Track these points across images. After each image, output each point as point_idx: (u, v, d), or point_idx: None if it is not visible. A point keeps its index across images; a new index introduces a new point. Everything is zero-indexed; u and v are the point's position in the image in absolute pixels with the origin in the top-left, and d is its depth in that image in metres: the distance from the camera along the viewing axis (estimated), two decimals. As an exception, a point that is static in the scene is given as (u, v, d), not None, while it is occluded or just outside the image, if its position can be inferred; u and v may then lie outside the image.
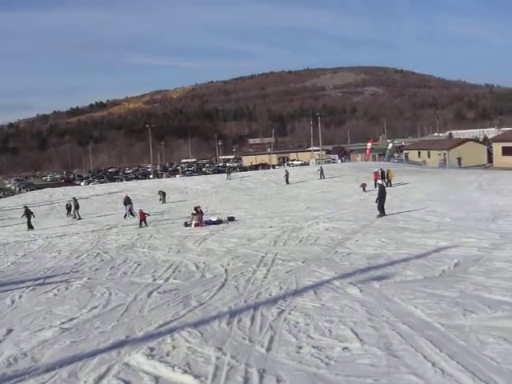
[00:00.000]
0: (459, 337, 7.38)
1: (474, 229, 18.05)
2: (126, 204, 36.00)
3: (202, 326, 8.75)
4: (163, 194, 46.97)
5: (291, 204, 35.69)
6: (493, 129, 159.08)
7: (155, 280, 13.38)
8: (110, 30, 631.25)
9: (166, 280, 13.27)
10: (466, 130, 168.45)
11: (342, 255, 14.68)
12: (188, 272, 14.22)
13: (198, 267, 14.76)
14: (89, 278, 14.46)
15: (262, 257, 15.47)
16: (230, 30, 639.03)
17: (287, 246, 17.67)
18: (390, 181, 42.26)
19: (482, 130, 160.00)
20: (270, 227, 23.28)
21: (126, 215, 35.35)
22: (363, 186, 41.60)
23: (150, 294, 11.68)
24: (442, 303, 9.00)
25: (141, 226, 29.02)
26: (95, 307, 10.88)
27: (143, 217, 29.71)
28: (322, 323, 8.43)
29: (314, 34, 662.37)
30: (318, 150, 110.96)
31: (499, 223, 19.07)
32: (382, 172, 42.85)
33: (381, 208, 24.60)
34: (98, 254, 19.57)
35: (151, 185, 60.74)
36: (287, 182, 55.60)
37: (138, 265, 16.14)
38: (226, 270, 13.78)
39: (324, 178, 55.84)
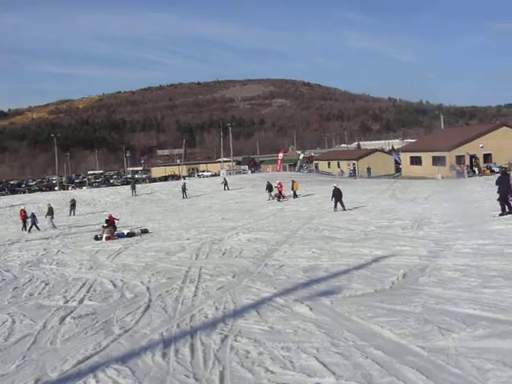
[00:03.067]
0: (448, 363, 6.26)
1: (403, 237, 17.66)
2: (30, 216, 33.82)
3: (131, 361, 7.26)
4: (73, 204, 44.76)
5: (205, 215, 34.86)
6: (397, 140, 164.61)
7: (67, 302, 11.70)
8: (11, 35, 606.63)
9: (80, 302, 11.62)
10: (372, 142, 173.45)
11: (275, 268, 13.60)
12: (105, 291, 12.61)
13: (115, 285, 13.19)
14: (-14, 303, 12.49)
15: (186, 272, 14.15)
16: (139, 39, 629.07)
17: (210, 259, 16.44)
18: (295, 192, 42.08)
19: (387, 141, 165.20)
20: (188, 239, 22.18)
21: (30, 229, 33.12)
22: (277, 195, 41.30)
23: (63, 319, 10.02)
24: (410, 321, 8.00)
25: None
26: (-6, 340, 9.13)
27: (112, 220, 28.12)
28: (277, 351, 7.17)
29: (223, 46, 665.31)
30: (228, 161, 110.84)
31: (426, 230, 18.81)
32: (270, 185, 43.45)
33: (336, 205, 29.99)
34: (-2, 272, 17.43)
35: (56, 197, 58.28)
36: (226, 188, 56.26)
37: (46, 284, 14.27)
38: (148, 288, 12.32)
39: (228, 190, 55.70)
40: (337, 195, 30.34)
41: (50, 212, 35.05)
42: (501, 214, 20.28)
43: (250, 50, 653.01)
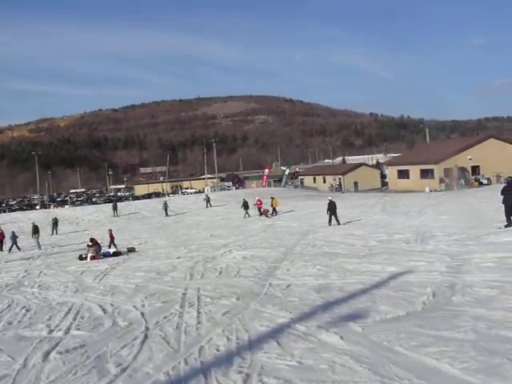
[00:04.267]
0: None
1: (411, 251, 16.65)
2: (11, 236, 32.49)
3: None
4: (55, 223, 43.36)
5: (193, 232, 33.98)
6: (380, 155, 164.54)
7: (51, 332, 10.21)
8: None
9: (67, 331, 10.15)
10: (356, 156, 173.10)
11: (281, 288, 12.34)
12: (94, 318, 11.18)
13: (105, 311, 11.78)
14: (-42, 334, 10.97)
15: (183, 294, 12.82)
16: (121, 57, 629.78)
17: (207, 278, 15.14)
18: (274, 209, 41.21)
19: (370, 155, 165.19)
20: (178, 258, 21.01)
21: (10, 249, 31.76)
22: (264, 211, 40.44)
23: (47, 355, 8.54)
24: (468, 351, 6.73)
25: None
26: (-37, 385, 7.71)
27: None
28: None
29: (203, 63, 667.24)
30: (212, 178, 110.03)
31: (433, 244, 17.89)
32: (246, 202, 43.18)
33: (330, 219, 29.39)
34: (-26, 297, 15.96)
35: (38, 215, 56.76)
36: (209, 205, 56.13)
37: (27, 310, 12.76)
38: (142, 314, 10.94)
39: (211, 207, 55.32)
40: (332, 208, 29.66)
41: (36, 230, 33.74)
42: (506, 226, 19.35)
43: (232, 67, 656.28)
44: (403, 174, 69.51)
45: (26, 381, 7.46)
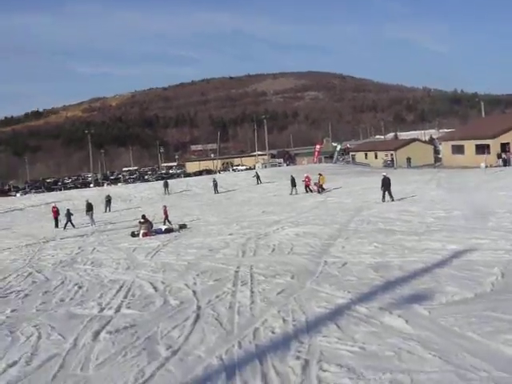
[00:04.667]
0: None
1: (472, 228, 15.89)
2: (65, 214, 32.83)
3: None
4: (108, 200, 43.76)
5: (244, 209, 33.54)
6: (433, 130, 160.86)
7: (102, 310, 10.05)
8: (46, 36, 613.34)
9: (117, 310, 9.96)
10: (408, 132, 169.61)
11: (337, 266, 11.85)
12: (145, 296, 10.96)
13: (156, 289, 11.57)
14: (12, 310, 10.88)
15: (235, 272, 12.47)
16: (169, 36, 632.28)
17: (259, 256, 14.76)
18: (321, 186, 40.33)
19: (423, 131, 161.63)
20: (230, 234, 20.67)
21: (65, 226, 32.09)
22: (317, 185, 39.78)
23: (97, 334, 8.35)
24: None
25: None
26: (14, 363, 7.47)
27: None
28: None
29: (253, 39, 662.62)
30: (263, 155, 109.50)
31: (494, 221, 16.96)
32: (293, 179, 42.01)
33: (384, 195, 28.74)
34: (29, 273, 16.00)
35: (92, 193, 57.49)
36: (259, 181, 55.47)
37: (80, 287, 12.71)
38: (194, 293, 10.64)
39: (261, 183, 54.99)
40: (386, 184, 28.89)
41: (90, 208, 34.05)
42: None
43: (282, 43, 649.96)
44: (458, 150, 67.43)
45: (76, 361, 7.26)
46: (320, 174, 41.66)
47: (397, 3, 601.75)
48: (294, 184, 41.59)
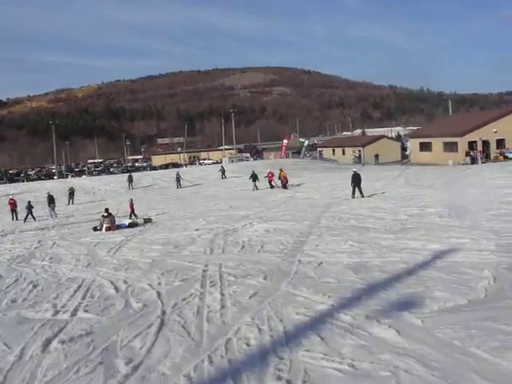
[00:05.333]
0: None
1: (449, 226, 15.38)
2: (26, 206, 31.89)
3: None
4: (71, 193, 42.65)
5: (211, 203, 32.89)
6: (400, 127, 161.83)
7: (57, 313, 9.10)
8: (9, 24, 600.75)
9: (74, 313, 9.03)
10: (376, 129, 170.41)
11: (313, 266, 11.09)
12: (105, 298, 10.05)
13: (117, 289, 10.68)
14: (-43, 312, 9.84)
15: (204, 270, 11.65)
16: (138, 27, 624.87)
17: (228, 253, 13.98)
18: (285, 180, 39.92)
19: (390, 128, 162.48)
20: (197, 230, 19.90)
21: (25, 218, 31.00)
22: (283, 181, 39.37)
23: (48, 344, 7.40)
24: None
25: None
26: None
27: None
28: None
29: (222, 33, 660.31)
30: (230, 149, 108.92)
31: (470, 219, 16.49)
32: (255, 174, 41.35)
33: (354, 191, 28.18)
34: (-18, 270, 14.88)
35: (55, 185, 56.12)
36: (224, 176, 55.01)
37: (35, 286, 11.72)
38: (159, 294, 9.77)
39: (226, 178, 54.44)
40: (356, 180, 28.48)
41: (51, 200, 32.98)
42: None
43: (250, 37, 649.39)
44: (425, 147, 67.71)
45: (19, 379, 6.31)
46: (281, 170, 41.19)
47: (360, 1, 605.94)
48: (255, 179, 41.01)
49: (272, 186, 40.24)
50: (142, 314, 8.62)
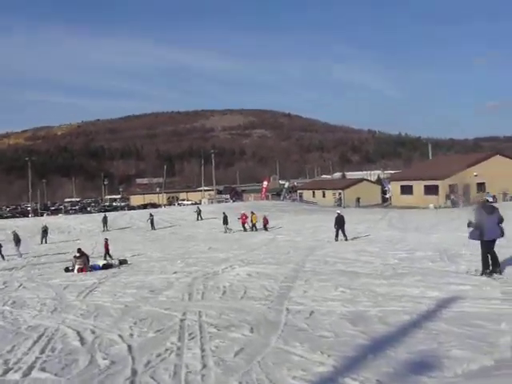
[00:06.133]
0: None
1: (445, 272, 14.29)
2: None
3: None
4: (44, 231, 41.29)
5: (189, 244, 31.96)
6: (378, 171, 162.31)
7: (7, 372, 7.67)
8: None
9: (27, 373, 7.56)
10: (355, 172, 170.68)
11: (304, 316, 9.88)
12: (67, 352, 8.66)
13: (83, 341, 9.31)
14: None
15: (181, 320, 10.38)
16: (120, 69, 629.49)
17: (208, 300, 12.76)
18: (254, 224, 39.82)
19: (369, 172, 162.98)
20: (175, 273, 18.72)
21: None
22: (264, 221, 38.70)
23: None
24: None
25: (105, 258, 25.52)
26: None
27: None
28: None
29: (202, 76, 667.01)
30: (209, 190, 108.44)
31: (465, 264, 15.37)
32: (226, 217, 40.89)
33: (337, 234, 27.34)
34: None
35: (28, 223, 54.66)
36: (200, 217, 54.52)
37: None
38: (130, 348, 8.45)
39: (202, 219, 53.95)
40: (340, 222, 27.80)
41: (17, 239, 31.64)
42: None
43: (230, 80, 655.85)
44: (406, 190, 67.73)
45: None
46: (252, 213, 40.48)
47: (344, 45, 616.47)
48: (226, 221, 40.15)
49: (245, 229, 39.32)
50: (107, 374, 7.24)
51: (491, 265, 12.62)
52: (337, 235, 27.50)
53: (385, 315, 9.46)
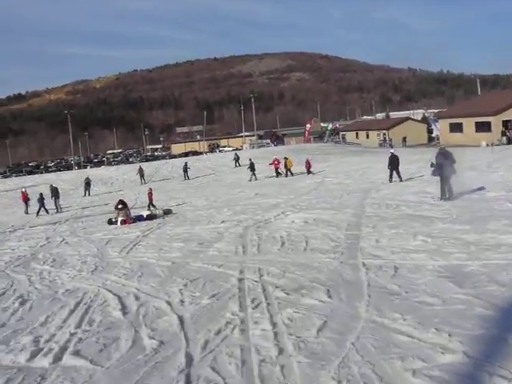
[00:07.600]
0: None
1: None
2: (38, 198, 30.08)
3: None
4: (87, 183, 40.44)
5: (235, 191, 30.56)
6: (421, 110, 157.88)
7: (37, 354, 6.16)
8: (27, 17, 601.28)
9: (58, 357, 6.02)
10: (397, 112, 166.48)
11: (389, 274, 8.06)
12: (107, 326, 7.14)
13: (125, 310, 7.78)
14: None
15: (239, 280, 8.80)
16: (153, 17, 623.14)
17: (266, 253, 11.18)
18: (289, 169, 37.85)
19: (412, 111, 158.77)
20: (223, 222, 17.33)
21: (38, 212, 29.34)
22: (307, 166, 36.91)
23: None
24: None
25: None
26: None
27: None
28: None
29: (239, 20, 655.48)
30: (250, 136, 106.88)
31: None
32: (252, 164, 39.37)
33: (391, 174, 25.81)
34: (-30, 276, 12.15)
35: (71, 176, 54.24)
36: (238, 164, 52.17)
37: (22, 303, 8.92)
38: (181, 322, 6.83)
39: (239, 166, 51.42)
40: (394, 163, 25.94)
41: (55, 193, 30.82)
42: None
43: (267, 23, 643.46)
44: (455, 128, 64.41)
45: None
46: (286, 158, 38.55)
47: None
48: (253, 169, 38.38)
49: (278, 174, 37.73)
50: (155, 360, 5.59)
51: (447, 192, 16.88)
52: (391, 176, 25.77)
53: (491, 271, 7.63)
